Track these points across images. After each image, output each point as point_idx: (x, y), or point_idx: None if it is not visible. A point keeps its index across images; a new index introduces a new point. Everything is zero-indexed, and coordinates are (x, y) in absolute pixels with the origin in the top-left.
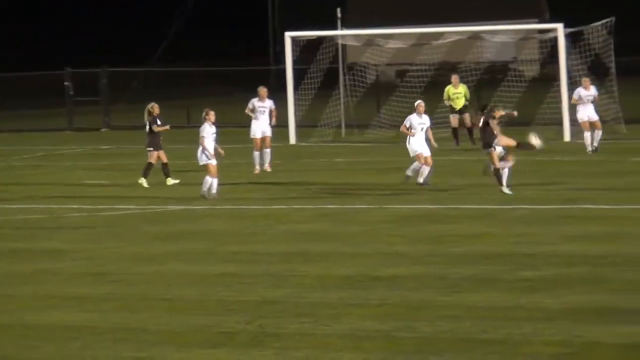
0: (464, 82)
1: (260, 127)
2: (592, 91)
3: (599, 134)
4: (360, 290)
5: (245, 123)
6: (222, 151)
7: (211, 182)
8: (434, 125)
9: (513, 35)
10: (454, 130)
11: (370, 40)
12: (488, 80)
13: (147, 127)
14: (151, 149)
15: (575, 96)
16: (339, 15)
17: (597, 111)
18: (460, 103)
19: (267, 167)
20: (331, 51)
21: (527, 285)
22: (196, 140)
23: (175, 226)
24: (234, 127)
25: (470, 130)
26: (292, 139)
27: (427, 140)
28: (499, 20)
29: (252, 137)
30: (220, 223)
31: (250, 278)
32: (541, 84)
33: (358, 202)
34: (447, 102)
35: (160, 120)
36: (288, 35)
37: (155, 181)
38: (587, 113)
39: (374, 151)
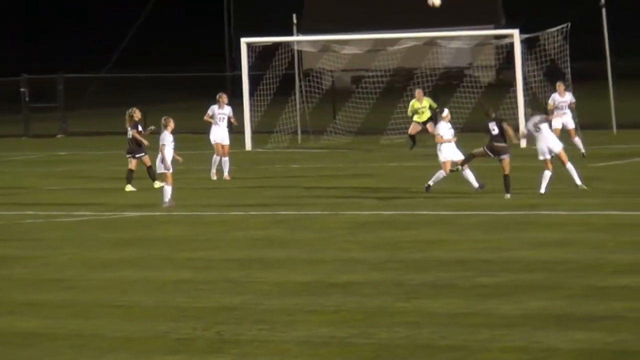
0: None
1: (220, 134)
2: (567, 97)
3: (579, 140)
4: (317, 297)
5: (202, 129)
6: (180, 158)
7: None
8: (390, 132)
9: (469, 41)
10: (412, 135)
11: (326, 46)
12: (444, 86)
13: (129, 133)
14: (129, 155)
15: (550, 102)
16: (295, 21)
17: (574, 118)
18: (425, 116)
19: (226, 175)
20: (287, 57)
21: (484, 292)
22: (153, 148)
23: (131, 232)
24: (191, 133)
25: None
26: (248, 145)
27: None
28: (455, 26)
29: (213, 142)
30: (177, 229)
31: (207, 284)
32: (497, 89)
33: (314, 208)
34: (411, 115)
35: (140, 125)
36: (244, 41)
37: (111, 186)
38: (562, 120)
39: (329, 157)
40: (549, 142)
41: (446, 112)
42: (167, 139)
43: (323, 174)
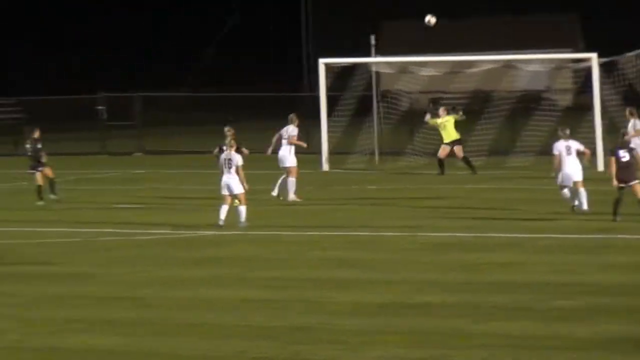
0: (495, 112)
1: (284, 154)
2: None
3: None
4: (392, 318)
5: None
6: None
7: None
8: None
9: (547, 65)
10: (441, 160)
11: (403, 68)
12: (521, 109)
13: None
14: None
15: (631, 130)
16: (373, 42)
17: None
18: (449, 135)
19: (291, 196)
20: (365, 78)
21: (560, 315)
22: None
23: (207, 251)
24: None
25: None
26: (325, 166)
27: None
28: (533, 49)
29: (289, 165)
30: (252, 249)
31: (283, 304)
32: (575, 113)
33: (390, 229)
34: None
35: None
36: (322, 62)
37: (186, 205)
38: None
39: (406, 179)
40: None
41: (566, 130)
42: (240, 159)
43: (399, 196)
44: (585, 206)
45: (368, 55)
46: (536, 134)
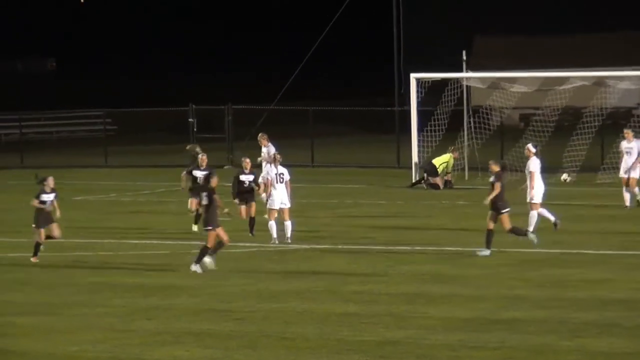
0: (586, 128)
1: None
2: (634, 143)
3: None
4: (481, 333)
5: (371, 163)
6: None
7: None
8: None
9: (638, 82)
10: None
11: (495, 84)
12: (611, 125)
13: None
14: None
15: None
16: (464, 57)
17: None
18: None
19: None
20: (456, 93)
21: None
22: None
23: (297, 264)
24: (359, 167)
25: None
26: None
27: None
28: (623, 66)
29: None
30: (342, 262)
31: (371, 318)
32: None
33: (479, 245)
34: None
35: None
36: (413, 76)
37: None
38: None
39: None
40: None
41: None
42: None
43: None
44: None
45: (460, 70)
46: None
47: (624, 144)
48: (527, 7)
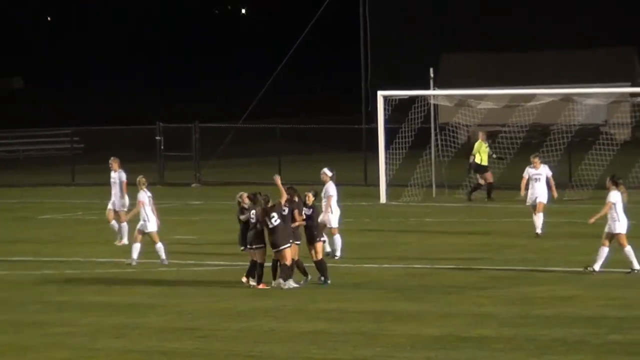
0: (556, 145)
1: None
2: (542, 169)
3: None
4: (449, 351)
5: (347, 181)
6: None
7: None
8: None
9: (605, 99)
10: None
11: (462, 101)
12: (579, 142)
13: None
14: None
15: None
16: (432, 75)
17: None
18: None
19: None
20: (423, 111)
21: (616, 349)
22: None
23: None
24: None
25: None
26: (383, 198)
27: None
28: (591, 83)
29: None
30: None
31: (340, 336)
32: (633, 147)
33: (447, 262)
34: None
35: None
36: (380, 94)
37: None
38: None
39: (463, 212)
40: None
41: None
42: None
43: (456, 229)
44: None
45: (426, 87)
46: (593, 168)
47: (532, 171)
48: (495, 24)
